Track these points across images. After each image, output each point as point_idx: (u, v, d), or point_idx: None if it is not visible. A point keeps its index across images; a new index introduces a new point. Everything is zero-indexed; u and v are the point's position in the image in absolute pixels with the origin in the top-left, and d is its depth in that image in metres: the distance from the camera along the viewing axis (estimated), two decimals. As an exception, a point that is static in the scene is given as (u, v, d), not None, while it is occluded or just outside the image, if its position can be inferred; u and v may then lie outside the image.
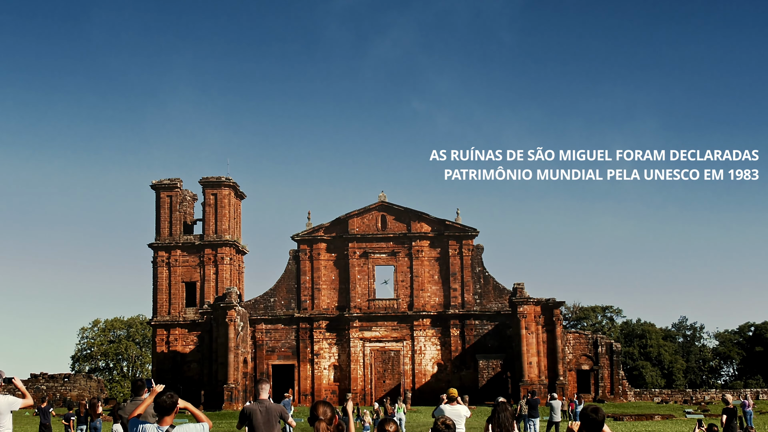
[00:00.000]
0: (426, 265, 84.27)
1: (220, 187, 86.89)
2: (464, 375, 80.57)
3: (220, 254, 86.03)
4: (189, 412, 9.84)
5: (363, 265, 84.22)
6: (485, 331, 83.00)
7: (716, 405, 69.66)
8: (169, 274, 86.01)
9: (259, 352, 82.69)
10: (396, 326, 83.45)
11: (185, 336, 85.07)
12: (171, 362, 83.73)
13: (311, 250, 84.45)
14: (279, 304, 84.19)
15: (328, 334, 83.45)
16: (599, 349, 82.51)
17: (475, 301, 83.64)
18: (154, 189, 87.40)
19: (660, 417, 59.92)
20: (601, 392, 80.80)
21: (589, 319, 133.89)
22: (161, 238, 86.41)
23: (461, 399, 23.30)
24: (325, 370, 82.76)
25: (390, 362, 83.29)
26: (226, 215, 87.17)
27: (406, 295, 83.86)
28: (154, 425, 9.11)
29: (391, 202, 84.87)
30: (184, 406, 9.59)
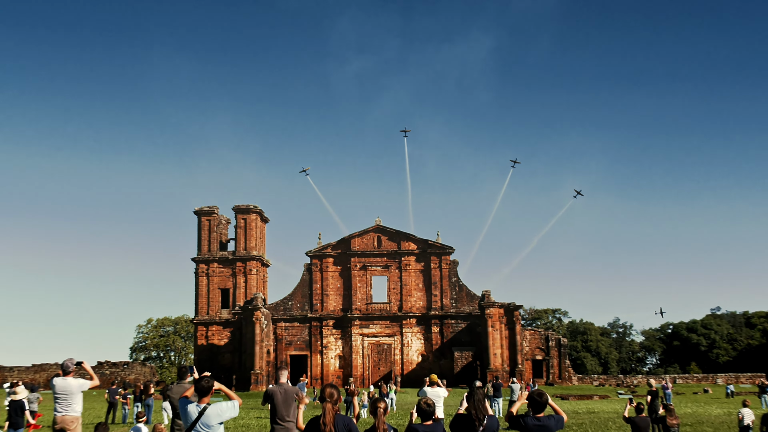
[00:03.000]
0: (413, 276, 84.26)
1: (248, 213, 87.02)
2: (443, 363, 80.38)
3: (248, 267, 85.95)
4: (223, 393, 9.86)
5: (362, 275, 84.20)
6: (459, 329, 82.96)
7: (642, 387, 69.49)
8: (207, 283, 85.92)
9: (279, 345, 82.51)
10: (388, 325, 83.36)
11: (220, 332, 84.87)
12: (209, 353, 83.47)
13: (321, 264, 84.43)
14: (295, 307, 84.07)
15: (334, 331, 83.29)
16: (550, 343, 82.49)
17: (452, 305, 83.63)
18: (196, 214, 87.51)
19: (598, 397, 59.80)
20: (551, 377, 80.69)
21: (542, 319, 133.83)
22: (201, 253, 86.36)
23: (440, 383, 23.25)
24: (332, 360, 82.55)
25: (383, 353, 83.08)
26: (254, 235, 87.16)
27: (396, 300, 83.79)
28: (195, 404, 9.13)
29: (385, 226, 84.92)
30: (219, 387, 9.61)
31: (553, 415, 9.70)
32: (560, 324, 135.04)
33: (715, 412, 38.06)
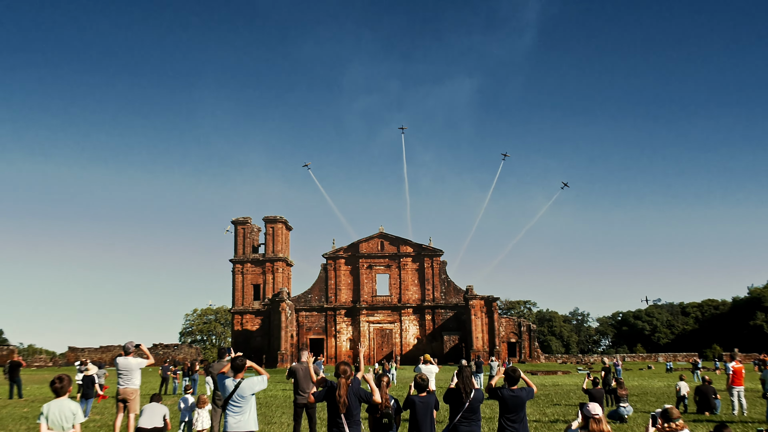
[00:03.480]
0: (409, 273, 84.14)
1: (276, 222, 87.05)
2: (434, 345, 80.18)
3: (275, 266, 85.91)
4: (254, 369, 9.84)
5: (368, 273, 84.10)
6: (448, 317, 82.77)
7: (597, 364, 69.38)
8: (242, 279, 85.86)
9: (300, 330, 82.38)
10: (390, 313, 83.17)
11: (253, 319, 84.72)
12: (243, 337, 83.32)
13: (335, 264, 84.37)
14: (314, 299, 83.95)
15: (346, 319, 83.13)
16: (522, 328, 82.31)
17: (441, 297, 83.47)
18: (233, 223, 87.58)
19: (561, 372, 59.60)
20: (523, 357, 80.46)
21: (515, 309, 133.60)
22: (237, 255, 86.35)
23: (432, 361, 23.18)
24: (343, 342, 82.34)
25: (386, 337, 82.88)
26: (280, 241, 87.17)
27: (396, 293, 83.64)
28: (231, 378, 9.12)
29: (387, 233, 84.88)
30: (251, 365, 9.60)
31: (525, 388, 9.73)
32: (530, 312, 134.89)
33: (657, 384, 37.98)
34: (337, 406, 8.83)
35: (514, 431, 9.32)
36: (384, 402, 9.23)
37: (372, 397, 9.12)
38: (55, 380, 8.44)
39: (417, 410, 9.28)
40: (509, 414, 9.39)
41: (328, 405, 8.98)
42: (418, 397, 9.34)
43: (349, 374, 9.08)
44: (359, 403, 9.10)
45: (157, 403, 13.56)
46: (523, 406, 9.47)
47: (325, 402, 9.10)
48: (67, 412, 8.18)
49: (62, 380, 8.42)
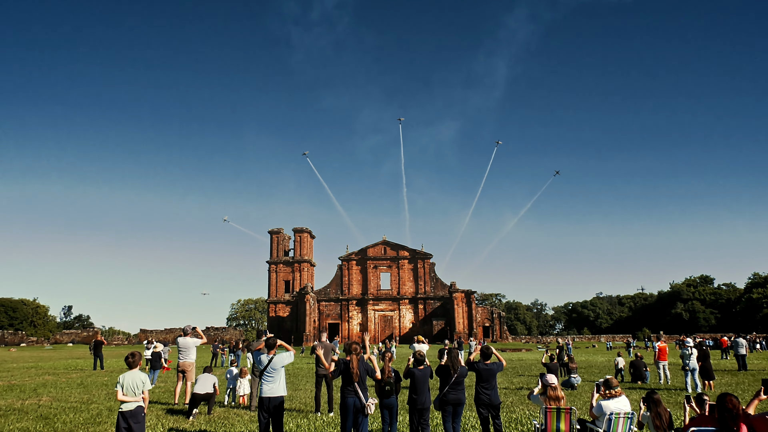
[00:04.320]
0: (406, 272, 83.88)
1: (303, 232, 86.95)
2: (425, 328, 79.80)
3: (302, 266, 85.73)
4: (284, 347, 9.80)
5: (374, 272, 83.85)
6: (436, 306, 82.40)
7: (553, 344, 68.91)
8: (276, 277, 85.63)
9: (321, 317, 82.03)
10: (391, 303, 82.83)
11: (284, 308, 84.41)
12: (276, 321, 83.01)
13: (348, 264, 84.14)
14: (332, 292, 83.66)
15: (357, 308, 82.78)
16: (494, 315, 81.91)
17: (431, 291, 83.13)
18: (269, 233, 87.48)
19: (525, 350, 59.17)
20: (495, 337, 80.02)
21: (489, 300, 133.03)
22: (272, 258, 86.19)
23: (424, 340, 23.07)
24: (355, 326, 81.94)
25: (387, 322, 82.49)
26: (306, 246, 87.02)
27: (396, 288, 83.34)
28: (265, 354, 9.07)
29: (389, 240, 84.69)
30: (281, 343, 9.55)
31: (496, 362, 9.71)
32: (500, 303, 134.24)
33: (599, 359, 37.70)
34: (351, 376, 8.89)
35: (486, 397, 9.33)
36: (387, 373, 9.26)
37: (375, 373, 9.19)
38: (128, 356, 8.48)
39: (416, 379, 9.38)
40: (483, 383, 9.42)
41: (343, 375, 9.04)
42: (417, 369, 9.43)
43: (359, 351, 9.17)
44: (366, 375, 9.15)
45: (209, 373, 13.55)
46: (494, 376, 9.52)
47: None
48: (138, 381, 8.22)
49: (134, 356, 8.46)
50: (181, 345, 14.29)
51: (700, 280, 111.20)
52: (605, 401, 8.24)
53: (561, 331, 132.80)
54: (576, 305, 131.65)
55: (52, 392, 17.90)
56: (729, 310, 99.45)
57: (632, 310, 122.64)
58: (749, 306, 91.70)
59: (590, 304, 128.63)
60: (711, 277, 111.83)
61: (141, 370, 8.59)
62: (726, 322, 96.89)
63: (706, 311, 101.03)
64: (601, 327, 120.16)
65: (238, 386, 14.94)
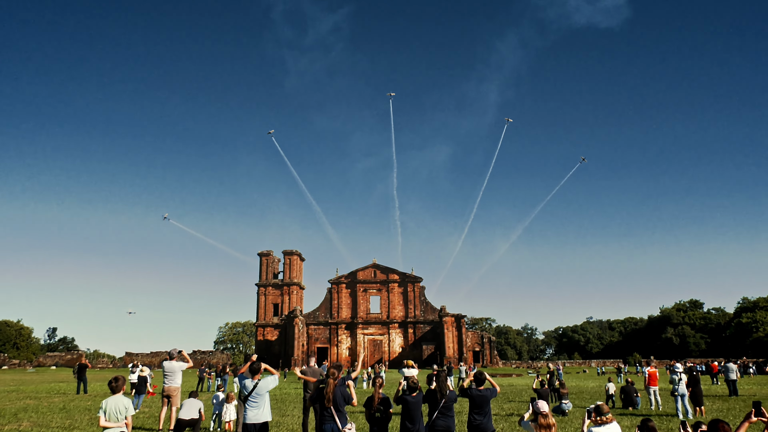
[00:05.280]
0: (396, 296, 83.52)
1: (292, 255, 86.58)
2: (415, 353, 79.18)
3: (291, 289, 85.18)
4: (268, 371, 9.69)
5: (364, 295, 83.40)
6: (426, 330, 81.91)
7: (544, 369, 68.60)
8: (265, 299, 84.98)
9: (310, 340, 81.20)
10: (380, 327, 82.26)
11: (272, 331, 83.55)
12: (265, 345, 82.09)
13: (338, 287, 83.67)
14: (321, 315, 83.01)
15: (345, 331, 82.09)
16: (484, 340, 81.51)
17: (421, 315, 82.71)
18: (259, 255, 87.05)
19: (515, 375, 58.85)
20: (485, 362, 79.55)
21: (479, 324, 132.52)
22: (261, 281, 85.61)
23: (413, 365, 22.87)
24: (343, 350, 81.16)
25: (377, 346, 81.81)
26: (295, 269, 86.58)
27: (385, 311, 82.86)
28: (250, 379, 8.98)
29: (379, 263, 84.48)
30: (265, 367, 9.45)
31: (490, 388, 9.61)
32: (490, 327, 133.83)
33: (590, 385, 37.51)
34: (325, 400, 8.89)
35: (479, 424, 9.17)
36: (377, 398, 9.19)
37: (351, 400, 9.19)
38: (111, 380, 8.35)
39: (410, 407, 9.21)
40: (476, 409, 9.26)
41: (318, 400, 9.04)
42: (410, 396, 9.31)
43: (337, 376, 9.16)
44: (344, 400, 9.06)
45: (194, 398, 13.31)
46: (488, 403, 9.34)
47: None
48: (121, 407, 8.08)
49: (117, 380, 8.32)
50: (166, 369, 14.08)
51: (690, 304, 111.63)
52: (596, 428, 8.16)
53: (552, 356, 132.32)
54: (566, 330, 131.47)
55: (33, 417, 17.50)
56: (719, 334, 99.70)
57: (622, 334, 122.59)
58: (739, 330, 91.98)
59: (581, 328, 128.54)
60: (700, 302, 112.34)
61: (125, 395, 8.43)
62: (716, 347, 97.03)
63: (696, 336, 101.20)
64: (591, 352, 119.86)
65: (224, 412, 14.72)
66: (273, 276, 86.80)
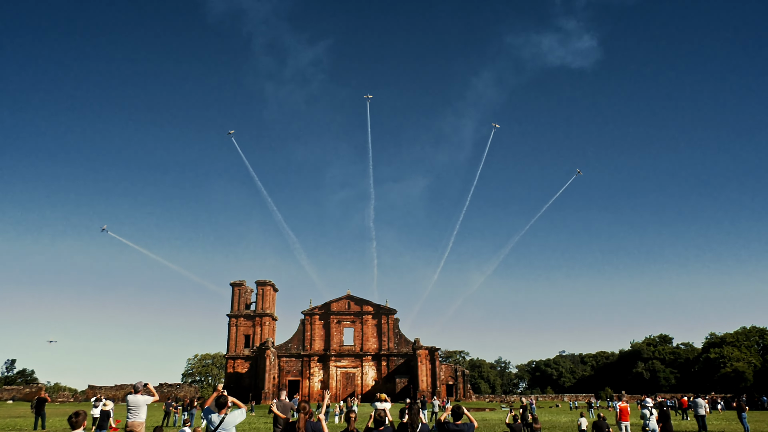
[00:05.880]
0: (370, 328, 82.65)
1: (265, 285, 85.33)
2: (388, 386, 78.03)
3: (263, 320, 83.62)
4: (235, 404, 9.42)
5: (337, 327, 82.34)
6: (399, 363, 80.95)
7: (517, 403, 68.18)
8: (236, 330, 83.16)
9: (281, 373, 79.50)
10: (353, 360, 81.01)
11: (243, 364, 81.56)
12: (235, 378, 79.99)
13: (311, 319, 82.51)
14: (293, 347, 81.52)
15: (318, 364, 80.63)
16: (457, 373, 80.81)
17: (395, 347, 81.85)
18: (231, 285, 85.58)
19: (488, 409, 58.36)
20: (458, 396, 78.75)
21: (452, 357, 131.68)
22: (233, 311, 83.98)
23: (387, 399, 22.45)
24: (316, 383, 79.57)
25: (350, 379, 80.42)
26: (268, 300, 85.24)
27: (359, 344, 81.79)
28: (216, 413, 8.70)
29: (353, 295, 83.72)
30: (232, 400, 9.18)
31: (467, 423, 9.49)
32: (464, 360, 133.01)
33: (563, 419, 37.34)
34: None
35: (454, 459, 8.99)
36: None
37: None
38: (72, 415, 7.97)
39: None
40: (452, 444, 9.10)
41: None
42: (378, 430, 9.08)
43: (308, 411, 8.97)
44: None
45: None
46: (464, 437, 9.21)
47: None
48: (81, 443, 7.66)
49: (78, 415, 7.95)
50: (131, 403, 13.56)
51: (660, 339, 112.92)
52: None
53: (524, 389, 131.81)
54: (539, 363, 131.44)
55: (-15, 455, 16.58)
56: (688, 369, 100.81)
57: (594, 368, 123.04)
58: (707, 366, 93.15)
59: (553, 362, 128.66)
60: (670, 337, 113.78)
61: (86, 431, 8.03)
62: (685, 382, 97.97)
63: (666, 371, 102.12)
64: (564, 386, 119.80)
65: (190, 448, 14.15)
66: (245, 306, 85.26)
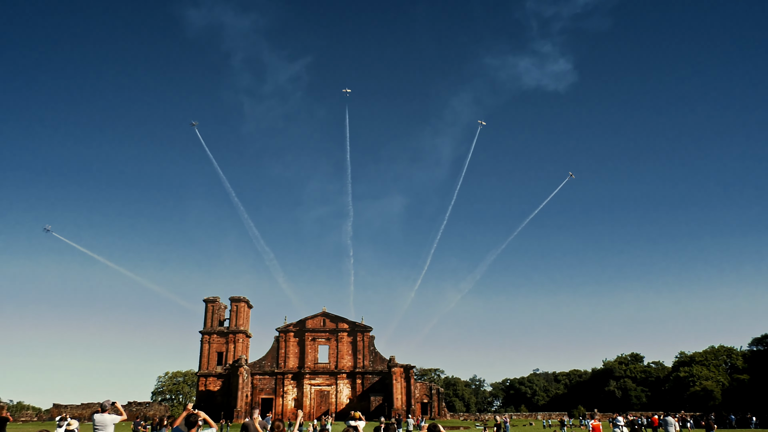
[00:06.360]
0: (345, 345, 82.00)
1: (240, 301, 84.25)
2: (363, 404, 77.30)
3: (237, 337, 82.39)
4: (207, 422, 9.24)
5: (312, 344, 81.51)
6: (374, 381, 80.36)
7: (491, 421, 68.11)
8: (209, 347, 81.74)
9: (254, 391, 78.22)
10: (328, 378, 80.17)
11: (215, 381, 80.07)
12: (206, 396, 78.42)
13: (285, 336, 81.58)
14: (267, 365, 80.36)
15: (292, 382, 79.59)
16: (432, 391, 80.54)
17: (370, 365, 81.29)
18: (204, 301, 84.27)
19: (463, 428, 58.20)
20: (433, 414, 78.38)
21: (427, 375, 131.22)
22: (206, 328, 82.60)
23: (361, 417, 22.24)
24: (289, 401, 78.46)
25: (324, 397, 79.49)
26: (242, 316, 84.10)
27: (334, 361, 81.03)
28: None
29: (328, 312, 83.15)
30: (204, 417, 9.01)
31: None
32: (439, 378, 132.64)
33: (537, 438, 37.44)
34: None
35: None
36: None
37: None
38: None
39: None
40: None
41: None
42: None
43: (282, 429, 8.89)
44: None
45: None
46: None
47: None
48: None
49: (41, 435, 7.70)
50: (97, 422, 13.20)
51: (631, 357, 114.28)
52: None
53: (499, 408, 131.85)
54: (513, 381, 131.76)
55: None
56: (659, 387, 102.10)
57: (568, 387, 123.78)
58: (677, 384, 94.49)
59: (527, 380, 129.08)
60: (641, 355, 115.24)
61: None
62: (656, 400, 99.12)
63: (638, 389, 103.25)
64: (538, 404, 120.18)
65: (158, 468, 13.83)
66: (219, 323, 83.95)
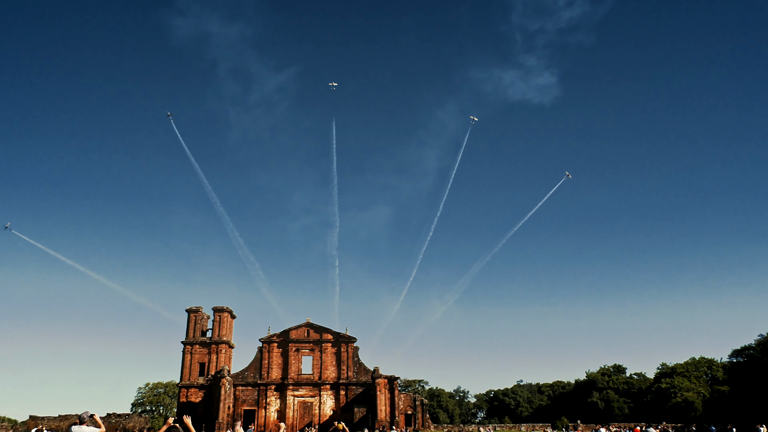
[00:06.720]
0: (329, 356, 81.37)
1: (223, 312, 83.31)
2: (347, 416, 76.60)
3: (219, 348, 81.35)
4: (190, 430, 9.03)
5: (296, 355, 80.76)
6: (358, 392, 79.73)
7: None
8: (191, 358, 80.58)
9: (237, 402, 77.18)
10: (311, 389, 79.39)
11: (197, 393, 78.88)
12: (188, 407, 77.18)
13: (269, 347, 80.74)
14: (249, 376, 79.42)
15: (275, 393, 78.68)
16: (416, 402, 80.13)
17: (354, 376, 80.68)
18: (187, 311, 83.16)
19: (447, 440, 57.88)
20: (417, 426, 77.90)
21: (412, 386, 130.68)
22: (188, 338, 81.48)
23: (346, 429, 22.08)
24: (272, 413, 77.48)
25: (307, 408, 78.67)
26: (225, 327, 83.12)
27: (317, 372, 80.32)
28: None
29: (313, 322, 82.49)
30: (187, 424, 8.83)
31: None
32: (423, 389, 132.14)
33: (521, 450, 37.38)
34: None
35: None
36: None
37: None
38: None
39: None
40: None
41: None
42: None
43: None
44: None
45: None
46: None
47: None
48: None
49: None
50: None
51: (614, 369, 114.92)
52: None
53: (483, 419, 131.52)
54: (498, 393, 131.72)
55: None
56: (641, 399, 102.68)
57: (551, 398, 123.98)
58: (659, 396, 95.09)
59: (511, 392, 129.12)
60: (623, 367, 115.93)
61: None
62: (638, 411, 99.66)
63: (620, 400, 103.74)
64: (522, 415, 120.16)
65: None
66: (201, 333, 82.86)
